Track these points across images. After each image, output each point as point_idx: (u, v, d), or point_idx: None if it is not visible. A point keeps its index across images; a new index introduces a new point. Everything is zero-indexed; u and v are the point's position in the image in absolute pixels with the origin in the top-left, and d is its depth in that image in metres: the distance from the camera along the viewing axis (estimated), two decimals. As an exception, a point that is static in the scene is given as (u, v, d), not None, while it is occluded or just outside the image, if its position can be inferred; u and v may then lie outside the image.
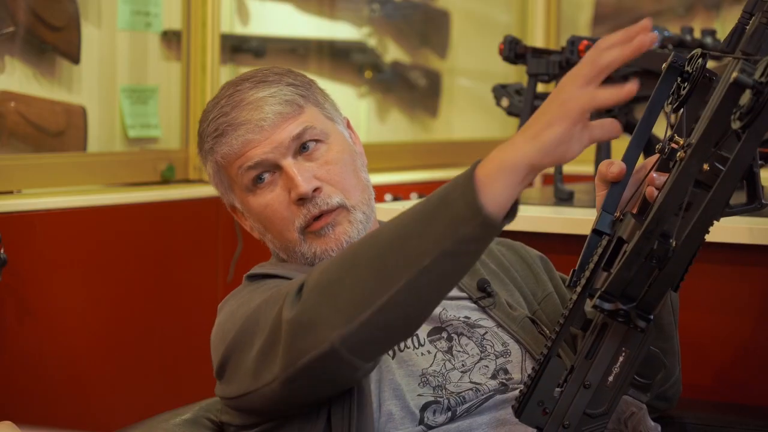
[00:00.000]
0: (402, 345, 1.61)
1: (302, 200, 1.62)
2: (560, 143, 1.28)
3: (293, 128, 1.63)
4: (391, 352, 1.59)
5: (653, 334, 1.41)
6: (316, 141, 1.65)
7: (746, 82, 1.24)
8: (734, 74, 1.24)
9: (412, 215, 1.36)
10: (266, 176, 1.63)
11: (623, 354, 1.40)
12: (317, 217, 1.62)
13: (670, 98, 1.46)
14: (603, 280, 1.41)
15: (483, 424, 1.59)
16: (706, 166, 1.34)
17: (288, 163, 1.62)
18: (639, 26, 1.32)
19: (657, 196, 1.41)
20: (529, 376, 1.42)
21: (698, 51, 1.45)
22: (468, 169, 1.32)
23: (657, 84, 1.47)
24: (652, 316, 1.36)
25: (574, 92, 1.28)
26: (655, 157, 1.49)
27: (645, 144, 1.49)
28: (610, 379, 1.41)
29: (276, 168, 1.63)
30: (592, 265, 1.42)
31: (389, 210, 2.15)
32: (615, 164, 1.45)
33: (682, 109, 1.45)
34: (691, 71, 1.44)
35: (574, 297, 1.43)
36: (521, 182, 1.29)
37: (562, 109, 1.27)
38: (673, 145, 1.41)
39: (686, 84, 1.45)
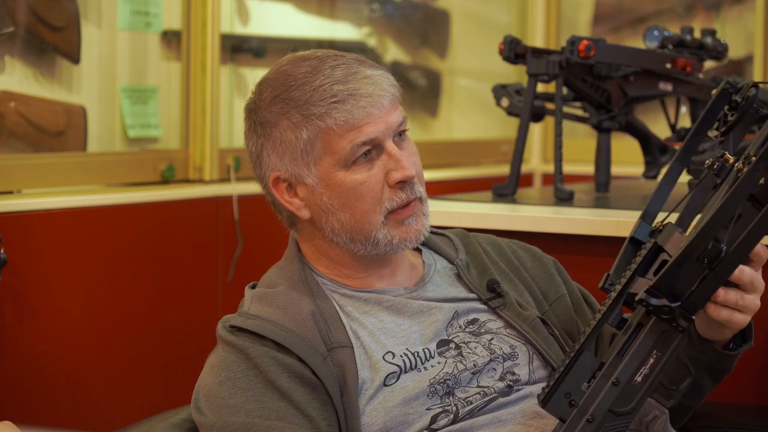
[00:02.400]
0: (408, 366, 1.62)
1: (402, 184, 1.63)
2: None
3: (399, 114, 1.66)
4: (394, 379, 1.60)
5: (685, 341, 1.43)
6: (405, 131, 1.68)
7: None
8: None
9: None
10: (369, 154, 1.63)
11: (654, 356, 1.42)
12: (406, 204, 1.64)
13: (717, 123, 1.49)
14: (643, 285, 1.43)
15: (484, 424, 1.59)
16: (761, 181, 1.36)
17: (392, 145, 1.63)
18: None
19: (712, 202, 1.43)
20: (558, 367, 1.43)
21: (750, 81, 1.48)
22: None
23: (706, 107, 1.51)
24: (693, 317, 1.38)
25: None
26: None
27: (688, 161, 1.55)
28: (638, 379, 1.42)
29: (379, 148, 1.63)
30: (634, 266, 1.45)
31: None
32: None
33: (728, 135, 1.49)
34: (739, 101, 1.47)
35: (613, 295, 1.45)
36: None
37: None
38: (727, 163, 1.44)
39: (733, 112, 1.48)
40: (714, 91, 1.51)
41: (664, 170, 1.55)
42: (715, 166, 1.44)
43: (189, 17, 3.15)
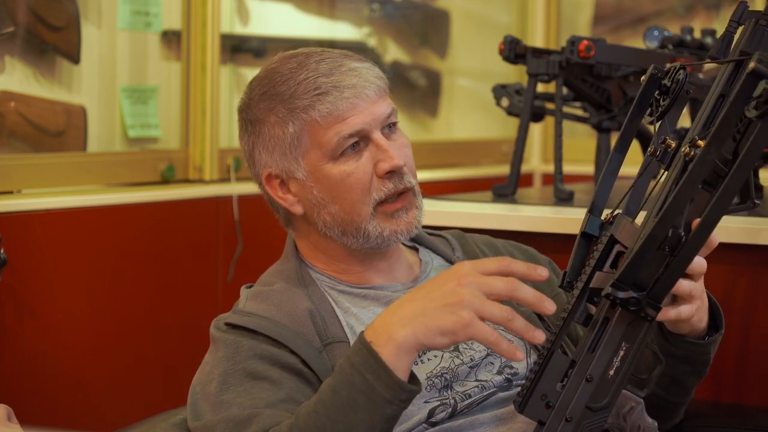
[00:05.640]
0: None
1: (390, 174, 1.63)
2: (445, 347, 1.38)
3: (387, 105, 1.65)
4: None
5: (653, 330, 1.43)
6: (396, 124, 1.67)
7: (764, 72, 1.26)
8: (752, 64, 1.26)
9: (328, 414, 1.40)
10: (357, 146, 1.63)
11: (624, 348, 1.42)
12: (396, 196, 1.64)
13: (650, 109, 1.50)
14: (602, 279, 1.43)
15: (484, 422, 1.59)
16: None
17: (379, 136, 1.63)
18: (544, 305, 1.38)
19: (662, 188, 1.42)
20: (531, 370, 1.43)
21: (677, 64, 1.48)
22: (364, 352, 1.39)
23: (638, 94, 1.50)
24: (660, 305, 1.38)
25: (472, 300, 1.36)
26: None
27: (627, 150, 1.56)
28: (611, 372, 1.42)
29: (366, 139, 1.63)
30: (593, 262, 1.45)
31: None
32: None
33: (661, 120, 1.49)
34: (669, 84, 1.47)
35: (576, 293, 1.45)
36: (416, 353, 1.39)
37: (457, 325, 1.35)
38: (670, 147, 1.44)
39: (665, 96, 1.48)
40: (643, 78, 1.50)
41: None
42: (657, 153, 1.44)
43: (189, 17, 3.15)
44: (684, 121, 3.01)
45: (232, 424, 1.49)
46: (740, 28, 1.46)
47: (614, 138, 2.65)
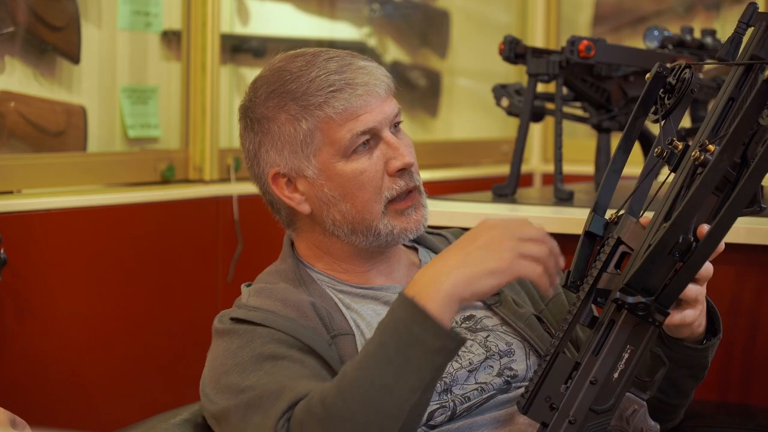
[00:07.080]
0: None
1: (401, 172, 1.63)
2: (493, 291, 1.42)
3: (394, 104, 1.66)
4: None
5: (656, 334, 1.43)
6: (400, 123, 1.68)
7: None
8: (767, 73, 1.27)
9: (377, 364, 1.40)
10: (368, 144, 1.63)
11: (628, 351, 1.42)
12: (406, 194, 1.64)
13: (654, 108, 1.49)
14: (606, 279, 1.43)
15: (483, 424, 1.59)
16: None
17: (389, 134, 1.64)
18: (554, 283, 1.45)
19: (669, 190, 1.42)
20: (535, 372, 1.43)
21: (682, 63, 1.48)
22: (408, 304, 1.41)
23: (643, 92, 1.49)
24: (669, 311, 1.37)
25: (510, 241, 1.42)
26: None
27: (630, 149, 1.55)
28: (615, 375, 1.42)
29: (377, 138, 1.63)
30: (599, 264, 1.44)
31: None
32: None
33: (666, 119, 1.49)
34: (674, 83, 1.47)
35: (582, 295, 1.45)
36: (461, 304, 1.43)
37: (502, 263, 1.41)
38: (678, 148, 1.44)
39: (669, 95, 1.48)
40: (647, 76, 1.50)
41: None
42: (664, 154, 1.44)
43: (189, 17, 3.15)
44: (684, 121, 3.00)
45: (264, 396, 1.47)
46: (749, 30, 1.45)
47: (614, 138, 2.66)
